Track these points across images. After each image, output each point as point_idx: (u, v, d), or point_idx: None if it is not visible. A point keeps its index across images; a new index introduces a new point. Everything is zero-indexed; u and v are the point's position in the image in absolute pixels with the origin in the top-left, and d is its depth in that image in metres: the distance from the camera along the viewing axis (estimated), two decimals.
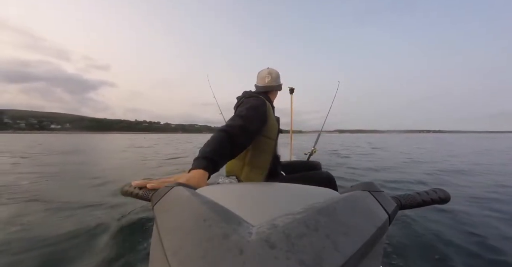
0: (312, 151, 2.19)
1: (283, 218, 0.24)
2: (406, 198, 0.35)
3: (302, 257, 0.19)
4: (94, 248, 1.51)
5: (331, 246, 0.20)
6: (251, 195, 0.35)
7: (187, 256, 0.20)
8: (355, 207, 0.27)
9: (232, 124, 0.83)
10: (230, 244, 0.20)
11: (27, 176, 3.97)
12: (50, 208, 2.27)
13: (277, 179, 1.21)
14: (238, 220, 0.24)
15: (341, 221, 0.24)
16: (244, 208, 0.29)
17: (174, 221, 0.26)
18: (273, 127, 1.09)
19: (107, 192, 2.90)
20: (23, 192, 2.91)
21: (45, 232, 1.69)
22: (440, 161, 6.14)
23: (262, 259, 0.18)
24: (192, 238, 0.22)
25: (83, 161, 6.40)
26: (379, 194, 0.32)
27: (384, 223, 0.27)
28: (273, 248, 0.19)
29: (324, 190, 0.36)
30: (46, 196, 2.69)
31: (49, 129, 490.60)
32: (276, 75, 1.23)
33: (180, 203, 0.30)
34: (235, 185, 0.41)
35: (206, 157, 0.64)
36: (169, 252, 0.21)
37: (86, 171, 4.67)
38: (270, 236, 0.21)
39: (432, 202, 0.36)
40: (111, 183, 3.43)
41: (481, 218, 1.98)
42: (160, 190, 0.35)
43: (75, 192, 2.97)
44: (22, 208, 2.28)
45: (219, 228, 0.22)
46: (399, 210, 0.33)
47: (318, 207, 0.25)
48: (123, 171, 4.81)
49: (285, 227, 0.22)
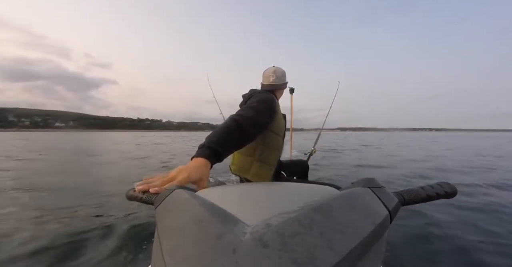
0: (312, 151, 2.18)
1: (277, 217, 0.24)
2: (410, 193, 0.34)
3: (295, 256, 0.19)
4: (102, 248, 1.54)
5: (325, 245, 0.20)
6: (249, 196, 0.35)
7: (182, 256, 0.21)
8: (353, 204, 0.27)
9: (243, 114, 0.83)
10: (224, 244, 0.20)
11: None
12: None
13: (279, 179, 1.25)
14: (234, 220, 0.25)
15: (337, 219, 0.23)
16: (242, 208, 0.29)
17: (173, 223, 0.27)
18: (281, 124, 1.11)
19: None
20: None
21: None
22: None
23: (255, 258, 0.19)
24: (188, 239, 0.22)
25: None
26: (380, 190, 0.31)
27: (384, 220, 0.26)
28: (266, 247, 0.19)
29: (323, 188, 0.36)
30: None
31: (53, 127, 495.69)
32: (281, 73, 1.23)
33: (179, 205, 0.30)
34: (235, 186, 0.43)
35: (210, 146, 0.64)
36: (166, 253, 0.22)
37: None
38: (263, 236, 0.21)
39: (437, 196, 0.34)
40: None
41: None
42: (162, 193, 0.36)
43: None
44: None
45: (215, 228, 0.23)
46: (402, 206, 0.32)
47: (314, 205, 0.25)
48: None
49: (279, 226, 0.22)
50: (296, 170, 1.57)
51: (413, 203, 0.34)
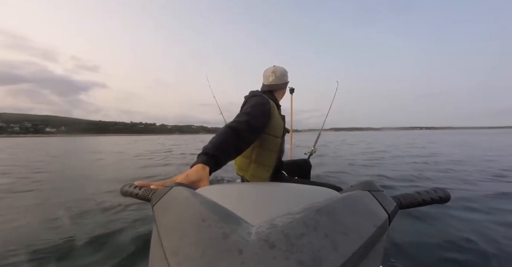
0: (312, 150, 2.20)
1: (282, 218, 0.24)
2: (406, 197, 0.35)
3: (301, 257, 0.19)
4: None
5: (330, 246, 0.20)
6: (251, 195, 0.35)
7: (186, 256, 0.20)
8: (355, 206, 0.27)
9: (238, 120, 0.86)
10: (229, 244, 0.20)
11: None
12: None
13: (280, 179, 1.26)
14: (238, 220, 0.25)
15: (340, 221, 0.24)
16: (243, 208, 0.29)
17: (174, 221, 0.26)
18: (278, 125, 1.11)
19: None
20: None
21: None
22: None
23: (261, 259, 0.19)
24: (191, 238, 0.22)
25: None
26: (379, 193, 0.32)
27: (384, 222, 0.27)
28: (272, 248, 0.20)
29: (324, 189, 0.36)
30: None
31: (44, 132, 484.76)
32: (280, 73, 1.23)
33: (179, 203, 0.30)
34: (235, 185, 0.43)
35: (207, 152, 0.65)
36: (169, 252, 0.22)
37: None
38: (269, 236, 0.21)
39: (432, 201, 0.36)
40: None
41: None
42: (160, 190, 0.35)
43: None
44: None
45: (218, 228, 0.22)
46: (399, 209, 0.33)
47: (318, 207, 0.26)
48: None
49: (284, 227, 0.22)
50: (298, 169, 1.62)
51: (410, 207, 0.35)
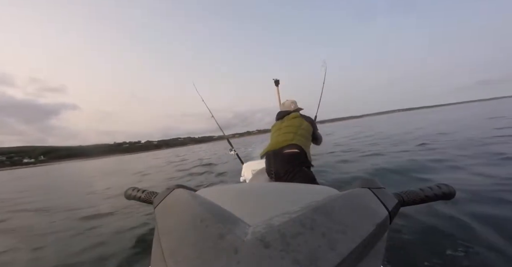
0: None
1: (279, 217, 0.25)
2: (409, 194, 0.35)
3: (297, 256, 0.19)
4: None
5: (327, 245, 0.20)
6: (250, 195, 0.36)
7: (183, 256, 0.21)
8: (353, 204, 0.27)
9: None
10: (225, 244, 0.20)
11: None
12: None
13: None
14: (235, 220, 0.25)
15: (338, 220, 0.24)
16: (242, 208, 0.29)
17: (173, 222, 0.27)
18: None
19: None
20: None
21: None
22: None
23: (257, 258, 0.19)
24: (189, 238, 0.23)
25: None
26: (380, 190, 0.31)
27: (384, 220, 0.26)
28: (267, 247, 0.20)
29: (323, 188, 0.36)
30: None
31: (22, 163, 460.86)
32: (294, 102, 1.82)
33: (179, 204, 0.31)
34: (234, 185, 0.44)
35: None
36: (167, 253, 0.22)
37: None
38: (265, 236, 0.21)
39: (435, 198, 0.35)
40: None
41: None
42: (161, 192, 0.37)
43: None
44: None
45: (215, 228, 0.23)
46: (401, 206, 0.33)
47: (315, 206, 0.26)
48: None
49: (281, 226, 0.22)
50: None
51: (412, 204, 0.35)
